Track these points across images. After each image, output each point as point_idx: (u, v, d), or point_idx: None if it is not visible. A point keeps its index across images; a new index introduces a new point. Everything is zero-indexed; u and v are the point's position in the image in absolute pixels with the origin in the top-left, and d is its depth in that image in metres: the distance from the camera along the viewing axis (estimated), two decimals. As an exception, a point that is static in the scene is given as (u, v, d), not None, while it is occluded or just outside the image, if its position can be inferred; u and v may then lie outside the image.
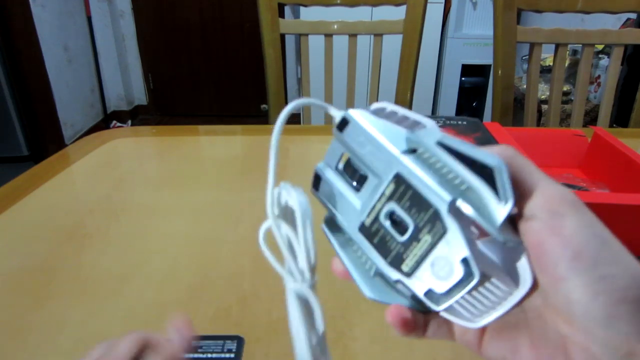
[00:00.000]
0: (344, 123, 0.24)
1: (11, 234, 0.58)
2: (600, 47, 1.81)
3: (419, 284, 0.21)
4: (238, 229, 0.59)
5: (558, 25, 1.06)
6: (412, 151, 0.22)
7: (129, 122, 3.21)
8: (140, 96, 3.31)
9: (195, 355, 0.38)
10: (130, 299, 0.47)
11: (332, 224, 0.25)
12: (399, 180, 0.22)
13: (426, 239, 0.21)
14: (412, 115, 0.23)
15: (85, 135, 1.43)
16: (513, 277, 0.20)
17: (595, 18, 1.41)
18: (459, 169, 0.20)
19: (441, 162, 0.20)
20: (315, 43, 1.12)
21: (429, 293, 0.21)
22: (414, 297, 0.22)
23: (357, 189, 0.24)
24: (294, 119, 2.77)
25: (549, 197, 0.19)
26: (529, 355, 0.20)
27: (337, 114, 0.24)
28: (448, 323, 0.23)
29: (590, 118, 1.82)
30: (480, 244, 0.22)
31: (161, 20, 3.05)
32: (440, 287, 0.21)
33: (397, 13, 1.13)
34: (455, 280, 0.20)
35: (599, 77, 1.84)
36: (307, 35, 1.11)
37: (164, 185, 0.72)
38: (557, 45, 1.06)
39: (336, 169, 0.25)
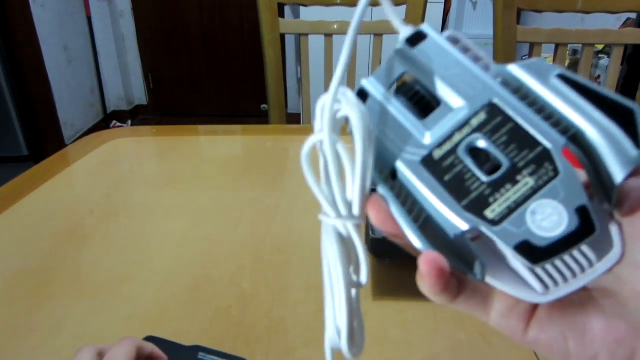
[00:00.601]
0: (418, 37, 0.20)
1: (11, 234, 0.58)
2: (600, 47, 1.81)
3: (509, 235, 0.18)
4: (238, 229, 0.59)
5: (558, 25, 1.06)
6: (506, 83, 0.19)
7: (129, 122, 3.21)
8: (140, 96, 3.31)
9: None
10: (130, 299, 0.47)
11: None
12: (494, 110, 0.19)
13: (527, 181, 0.18)
14: (486, 57, 0.20)
15: (85, 135, 1.43)
16: (600, 246, 0.18)
17: (595, 18, 1.41)
18: (586, 107, 0.18)
19: (555, 98, 0.18)
20: (315, 43, 1.12)
21: (523, 246, 0.17)
22: (463, 254, 0.19)
23: (422, 116, 0.20)
24: (294, 118, 2.77)
25: None
26: (606, 337, 0.18)
27: (404, 26, 0.21)
28: (485, 295, 0.20)
29: (590, 118, 1.82)
30: None
31: (161, 20, 3.05)
32: (542, 240, 0.17)
33: (397, 13, 1.13)
34: (565, 232, 0.17)
35: (599, 77, 1.84)
36: (307, 35, 1.11)
37: (164, 185, 0.72)
38: (557, 45, 1.06)
39: (390, 89, 0.21)
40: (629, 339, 0.17)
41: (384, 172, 0.20)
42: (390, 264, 0.50)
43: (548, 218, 0.17)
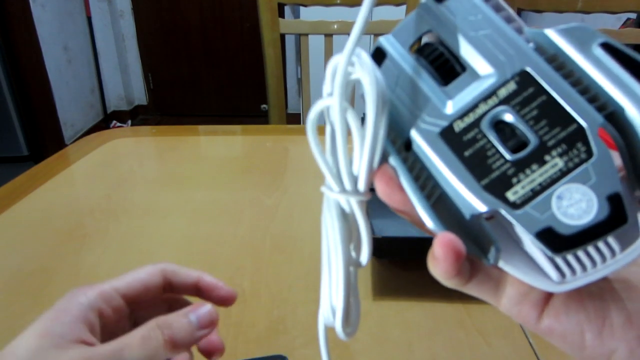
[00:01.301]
0: None
1: (11, 234, 0.58)
2: (600, 47, 1.81)
3: (530, 220, 0.16)
4: (238, 229, 0.59)
5: (558, 25, 1.06)
6: (540, 50, 0.17)
7: (129, 122, 3.21)
8: (140, 96, 3.31)
9: None
10: (130, 299, 0.47)
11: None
12: (526, 80, 0.17)
13: (556, 162, 0.16)
14: (519, 19, 0.18)
15: (85, 135, 1.43)
16: (624, 235, 0.16)
17: (595, 18, 1.41)
18: (630, 83, 0.16)
19: (595, 70, 0.16)
20: (315, 43, 1.12)
21: (545, 233, 0.16)
22: (477, 236, 0.17)
23: (443, 82, 0.18)
24: (294, 119, 2.78)
25: None
26: (627, 332, 0.17)
27: None
28: (497, 280, 0.19)
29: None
30: None
31: (161, 20, 3.05)
32: (567, 228, 0.16)
33: (397, 13, 1.13)
34: (593, 221, 0.16)
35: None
36: (307, 35, 1.11)
37: (164, 185, 0.72)
38: (557, 45, 1.06)
39: (410, 49, 0.19)
40: None
41: (397, 142, 0.18)
42: (390, 264, 0.50)
43: (575, 204, 0.16)
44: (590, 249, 0.16)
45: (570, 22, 0.18)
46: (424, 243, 0.48)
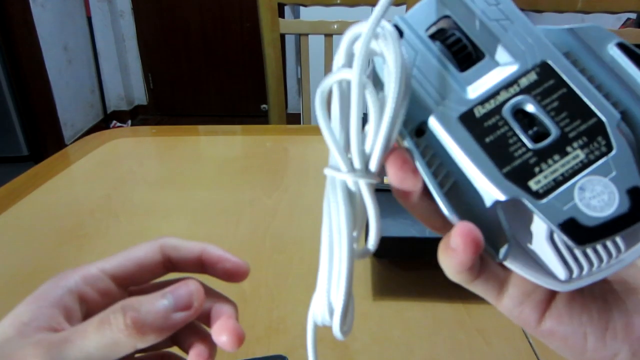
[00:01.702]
0: None
1: (11, 234, 0.58)
2: (600, 47, 1.81)
3: (554, 211, 0.16)
4: (238, 229, 0.59)
5: (558, 25, 1.06)
6: (556, 46, 0.17)
7: (129, 122, 3.21)
8: (140, 96, 3.31)
9: None
10: (130, 299, 0.47)
11: None
12: (547, 71, 0.17)
13: (577, 154, 0.16)
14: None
15: (85, 135, 1.43)
16: (629, 234, 0.16)
17: (595, 18, 1.41)
18: None
19: (609, 68, 0.17)
20: (315, 43, 1.12)
21: (569, 224, 0.16)
22: (490, 229, 0.17)
23: (462, 67, 0.18)
24: (294, 118, 2.78)
25: None
26: (629, 334, 0.17)
27: None
28: (501, 280, 0.18)
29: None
30: None
31: (161, 20, 3.05)
32: (590, 220, 0.16)
33: (397, 13, 1.13)
34: (615, 214, 0.16)
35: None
36: (307, 35, 1.11)
37: (164, 185, 0.72)
38: (557, 45, 1.06)
39: (426, 33, 0.19)
40: None
41: (409, 127, 0.18)
42: (390, 264, 0.50)
43: (598, 196, 0.16)
44: (599, 246, 0.16)
45: (571, 22, 0.18)
46: (424, 243, 0.48)
